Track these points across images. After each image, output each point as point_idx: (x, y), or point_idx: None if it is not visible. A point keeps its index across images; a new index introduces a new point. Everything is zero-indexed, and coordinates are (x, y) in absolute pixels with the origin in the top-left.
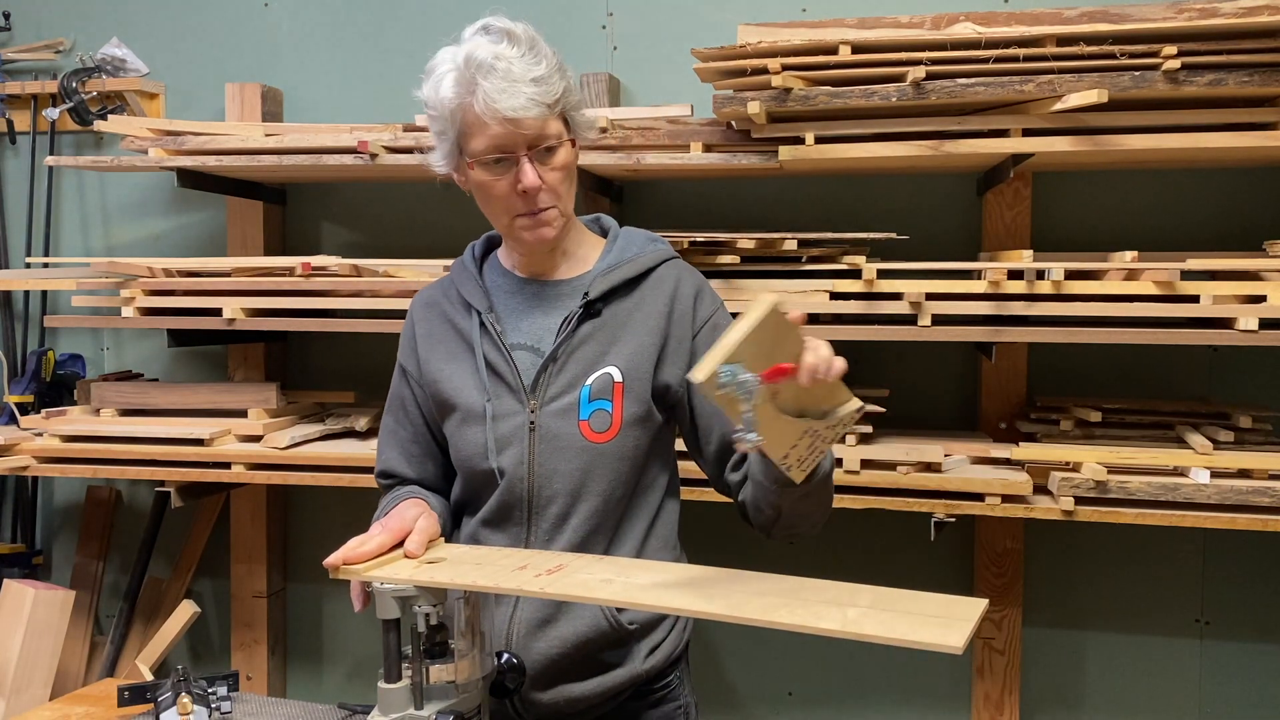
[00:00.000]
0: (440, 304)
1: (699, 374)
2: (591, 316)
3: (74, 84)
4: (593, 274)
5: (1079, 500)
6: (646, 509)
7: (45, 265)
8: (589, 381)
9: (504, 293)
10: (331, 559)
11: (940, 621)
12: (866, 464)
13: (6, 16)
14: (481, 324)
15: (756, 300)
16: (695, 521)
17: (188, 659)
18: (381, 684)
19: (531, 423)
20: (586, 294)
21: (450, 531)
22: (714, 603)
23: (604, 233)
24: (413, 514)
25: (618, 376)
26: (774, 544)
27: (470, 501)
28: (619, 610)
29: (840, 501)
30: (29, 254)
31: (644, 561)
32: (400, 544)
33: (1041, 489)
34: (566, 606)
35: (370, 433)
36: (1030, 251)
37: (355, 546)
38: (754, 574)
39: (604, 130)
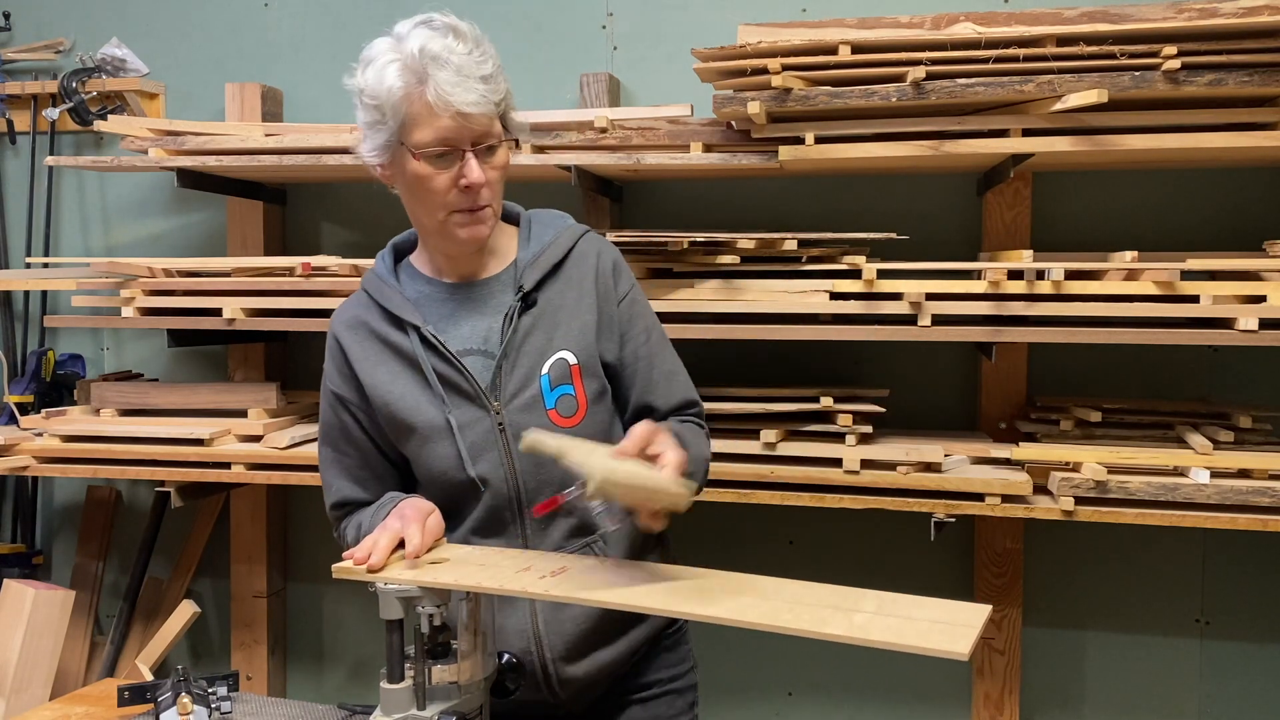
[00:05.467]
0: (367, 323)
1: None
2: (529, 307)
3: (74, 84)
4: (520, 265)
5: (1079, 500)
6: None
7: (45, 265)
8: (545, 370)
9: (434, 301)
10: (374, 561)
11: (945, 627)
12: (866, 464)
13: (6, 16)
14: (422, 338)
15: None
16: (695, 522)
17: (188, 659)
18: (384, 684)
19: (500, 424)
20: (520, 287)
21: None
22: (719, 607)
23: (512, 220)
24: (426, 508)
25: (572, 359)
26: (772, 544)
27: (451, 513)
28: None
29: (840, 501)
30: (29, 254)
31: (647, 564)
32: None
33: (1041, 489)
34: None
35: None
36: (1030, 251)
37: (389, 544)
38: (758, 578)
39: (604, 130)
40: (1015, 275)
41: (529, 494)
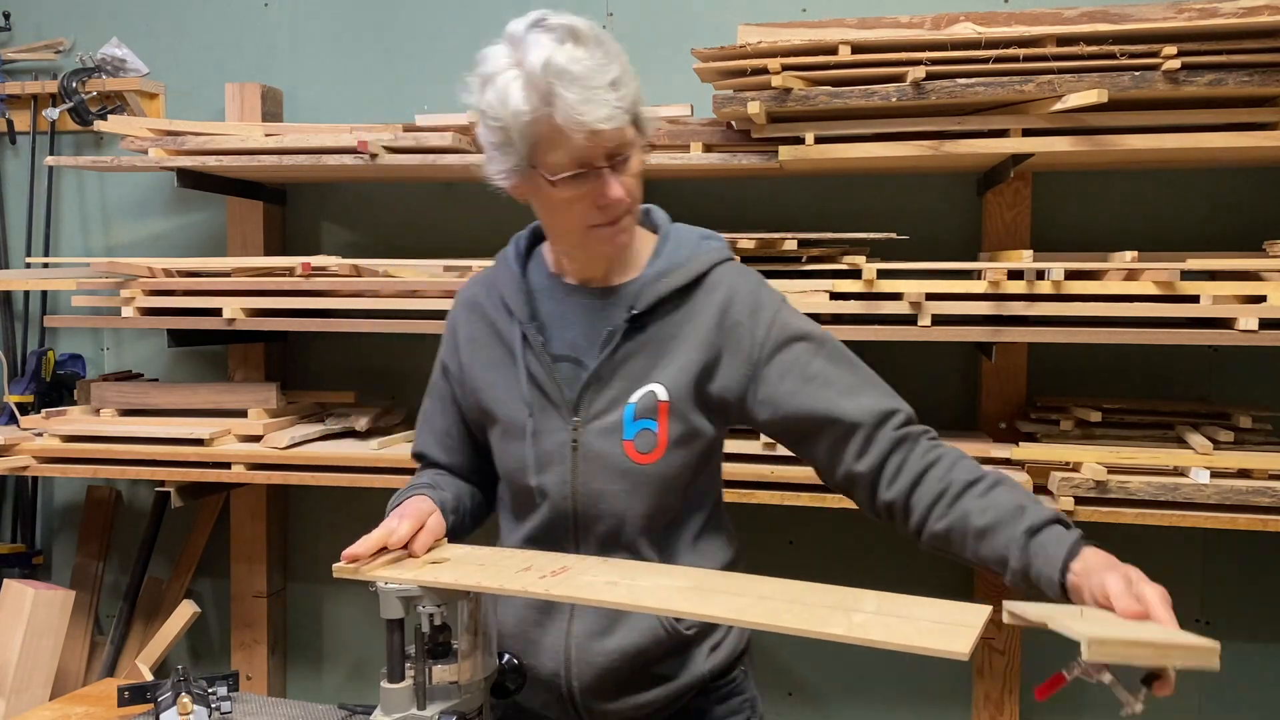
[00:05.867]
0: (483, 306)
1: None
2: (637, 330)
3: (74, 84)
4: (640, 282)
5: (1079, 500)
6: (692, 522)
7: (45, 265)
8: (633, 400)
9: (549, 298)
10: (354, 550)
11: (945, 627)
12: None
13: (6, 16)
14: (523, 333)
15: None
16: None
17: (188, 659)
18: (384, 684)
19: (574, 441)
20: (632, 307)
21: (472, 519)
22: (718, 606)
23: (654, 227)
24: (426, 508)
25: (663, 395)
26: (773, 543)
27: (517, 513)
28: (675, 619)
29: (840, 501)
30: (29, 254)
31: (650, 564)
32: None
33: (1041, 489)
34: (623, 617)
35: (370, 433)
36: (1030, 251)
37: (381, 539)
38: (758, 578)
39: None
40: (1015, 275)
41: (588, 517)
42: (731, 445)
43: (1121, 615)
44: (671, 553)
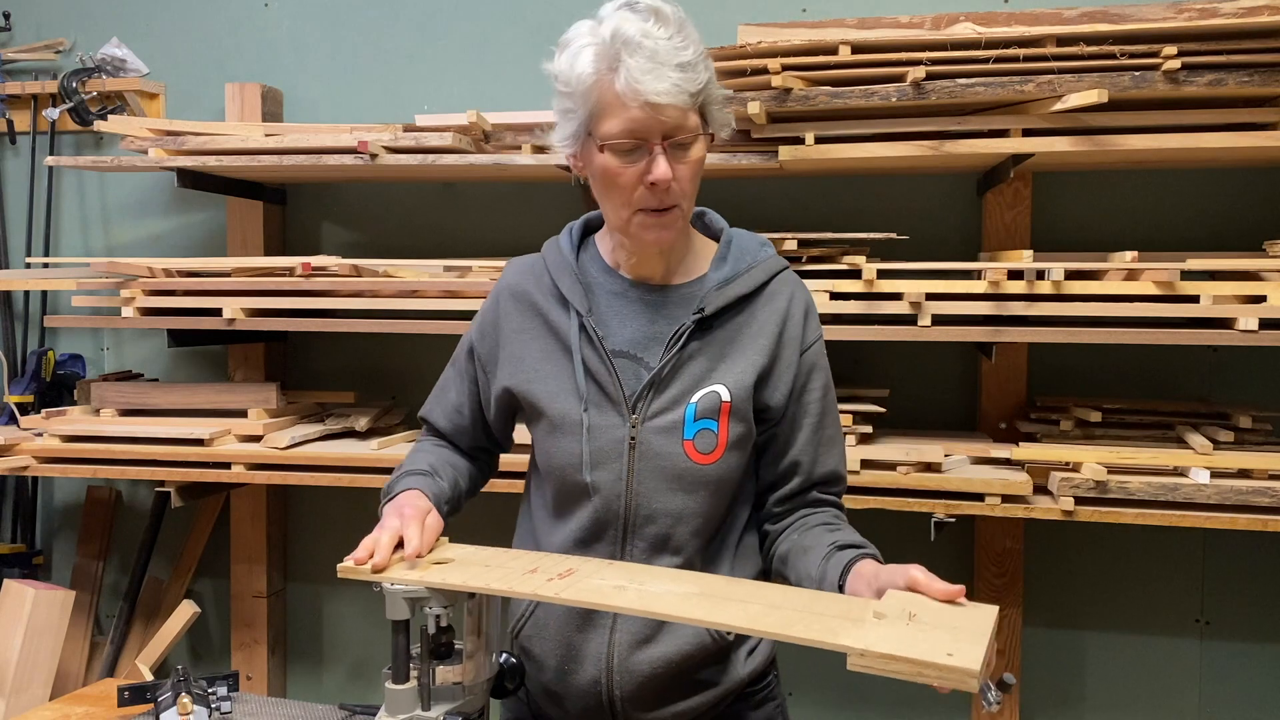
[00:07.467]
0: (531, 295)
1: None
2: (702, 332)
3: (74, 84)
4: (707, 286)
5: (1079, 500)
6: (738, 521)
7: (45, 265)
8: (695, 399)
9: (606, 292)
10: (377, 561)
11: (956, 634)
12: (866, 464)
13: (6, 16)
14: (582, 327)
15: (983, 612)
16: None
17: (188, 659)
18: (389, 684)
19: (632, 438)
20: (701, 310)
21: (465, 501)
22: (729, 614)
23: (711, 232)
24: (424, 506)
25: (725, 396)
26: None
27: (560, 510)
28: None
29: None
30: (29, 254)
31: (656, 568)
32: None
33: (1041, 489)
34: (667, 625)
35: (370, 433)
36: (1030, 251)
37: (390, 543)
38: (764, 584)
39: None
40: (1015, 275)
41: (640, 517)
42: None
43: (939, 595)
44: (717, 555)
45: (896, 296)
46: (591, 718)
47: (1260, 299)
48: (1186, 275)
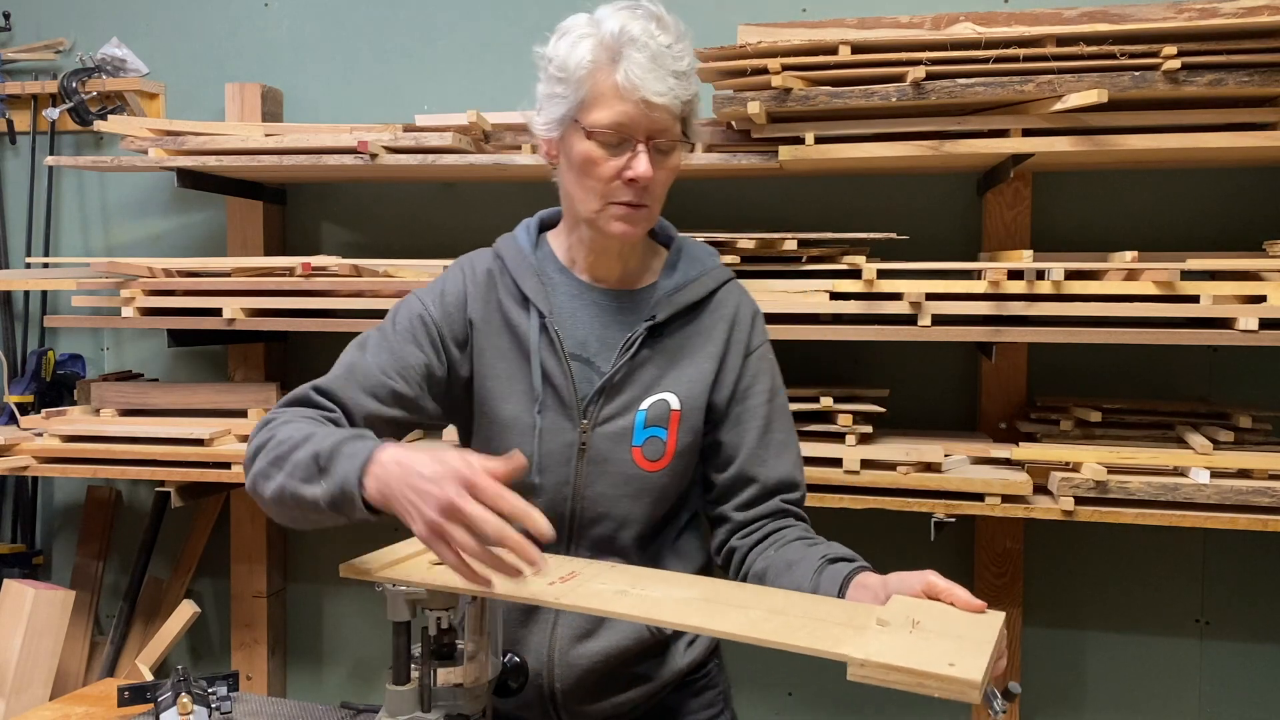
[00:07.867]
0: (495, 291)
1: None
2: (653, 338)
3: (74, 84)
4: (659, 293)
5: (1079, 500)
6: (679, 523)
7: (45, 265)
8: (644, 406)
9: (564, 294)
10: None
11: (960, 644)
12: (866, 464)
13: (6, 16)
14: (543, 328)
15: (989, 619)
16: None
17: (188, 659)
18: (389, 685)
19: (582, 444)
20: (653, 317)
21: None
22: (730, 621)
23: (661, 240)
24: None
25: (675, 404)
26: None
27: None
28: None
29: (840, 501)
30: (29, 254)
31: (659, 572)
32: (434, 532)
33: (1041, 489)
34: (607, 619)
35: None
36: (1030, 251)
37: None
38: (765, 589)
39: None
40: (1015, 275)
41: (585, 519)
42: None
43: (962, 605)
44: (657, 554)
45: (896, 296)
46: (533, 710)
47: (1260, 299)
48: (1186, 275)
